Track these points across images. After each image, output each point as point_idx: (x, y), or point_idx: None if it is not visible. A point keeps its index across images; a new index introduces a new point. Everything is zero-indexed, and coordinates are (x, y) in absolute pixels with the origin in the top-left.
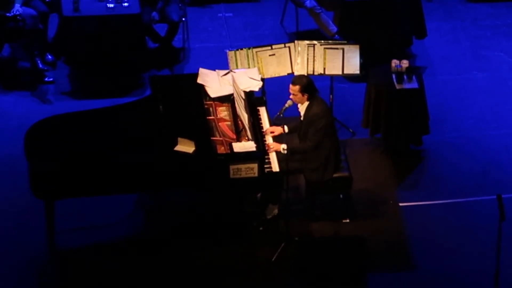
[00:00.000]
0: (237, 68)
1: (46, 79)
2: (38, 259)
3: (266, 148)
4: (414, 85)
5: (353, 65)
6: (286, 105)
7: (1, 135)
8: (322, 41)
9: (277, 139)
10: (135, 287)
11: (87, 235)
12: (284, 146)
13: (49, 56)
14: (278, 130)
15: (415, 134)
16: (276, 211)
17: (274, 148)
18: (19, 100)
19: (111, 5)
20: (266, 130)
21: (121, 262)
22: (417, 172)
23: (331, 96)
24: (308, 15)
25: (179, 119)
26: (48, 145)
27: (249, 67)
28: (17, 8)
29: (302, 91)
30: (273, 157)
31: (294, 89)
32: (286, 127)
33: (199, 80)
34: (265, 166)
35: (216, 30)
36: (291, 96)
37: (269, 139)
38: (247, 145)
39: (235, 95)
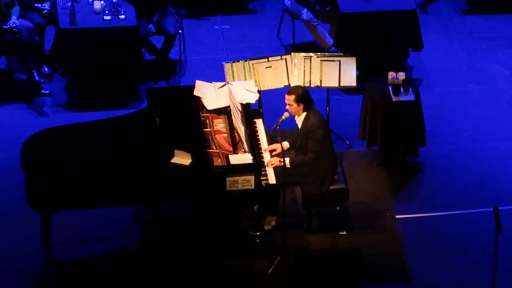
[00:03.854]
0: (233, 80)
1: (43, 91)
2: (34, 271)
3: (266, 164)
4: (410, 97)
5: (349, 77)
6: (283, 117)
7: None
8: (319, 53)
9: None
10: None
11: (83, 247)
12: (284, 159)
13: (46, 69)
14: (278, 147)
15: (412, 146)
16: (274, 222)
17: (275, 164)
18: (16, 112)
19: (108, 18)
20: (266, 149)
21: (117, 274)
22: (414, 184)
23: (327, 108)
24: (305, 27)
25: (175, 132)
26: (45, 157)
27: (245, 79)
28: (14, 20)
29: (298, 101)
30: (269, 169)
31: (289, 99)
32: (287, 144)
33: (196, 92)
34: (262, 178)
35: (212, 43)
36: (287, 107)
37: (267, 156)
38: (243, 157)
39: (231, 107)
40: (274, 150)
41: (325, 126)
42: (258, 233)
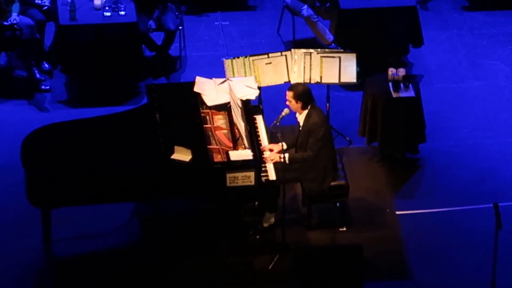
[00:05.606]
0: (233, 76)
1: (43, 87)
2: (34, 267)
3: (265, 160)
4: (410, 93)
5: (349, 74)
6: (283, 113)
7: None
8: (319, 50)
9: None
10: None
11: (83, 243)
12: (283, 155)
13: (46, 65)
14: (277, 147)
15: (412, 142)
16: (273, 219)
17: (275, 160)
18: (16, 109)
19: (108, 14)
20: (264, 147)
21: (117, 271)
22: (414, 181)
23: (328, 104)
24: (305, 23)
25: (175, 128)
26: (45, 153)
27: (245, 76)
28: (14, 17)
29: (296, 98)
30: (270, 165)
31: (289, 95)
32: (284, 144)
33: (196, 89)
34: (262, 174)
35: (212, 39)
36: (287, 103)
37: (266, 155)
38: (243, 154)
39: (231, 104)
40: (272, 150)
41: (327, 124)
42: (258, 236)
